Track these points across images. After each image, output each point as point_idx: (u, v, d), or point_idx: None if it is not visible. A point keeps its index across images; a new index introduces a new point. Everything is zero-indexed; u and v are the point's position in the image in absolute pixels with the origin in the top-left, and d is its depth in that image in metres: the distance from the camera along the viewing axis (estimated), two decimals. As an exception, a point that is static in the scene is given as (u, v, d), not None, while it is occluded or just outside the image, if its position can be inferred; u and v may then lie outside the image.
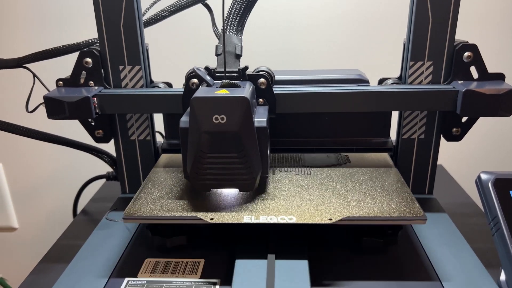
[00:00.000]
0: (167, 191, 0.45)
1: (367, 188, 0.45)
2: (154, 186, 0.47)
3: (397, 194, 0.43)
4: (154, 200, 0.43)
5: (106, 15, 0.48)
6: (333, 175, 0.48)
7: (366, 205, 0.41)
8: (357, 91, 0.47)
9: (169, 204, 0.43)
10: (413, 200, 0.42)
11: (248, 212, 0.41)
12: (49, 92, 0.49)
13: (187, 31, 0.80)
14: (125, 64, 0.51)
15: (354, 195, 0.43)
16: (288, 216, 0.40)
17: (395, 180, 0.47)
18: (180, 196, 0.44)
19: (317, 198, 0.43)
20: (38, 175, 0.91)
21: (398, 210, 0.40)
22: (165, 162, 0.53)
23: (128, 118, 0.53)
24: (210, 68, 0.46)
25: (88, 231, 0.49)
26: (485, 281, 0.40)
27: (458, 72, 0.49)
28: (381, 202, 0.42)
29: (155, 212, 0.41)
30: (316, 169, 0.50)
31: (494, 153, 0.87)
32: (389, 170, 0.49)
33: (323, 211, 0.40)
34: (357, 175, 0.48)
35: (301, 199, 0.43)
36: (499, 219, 0.40)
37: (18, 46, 0.81)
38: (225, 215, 0.40)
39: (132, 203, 0.43)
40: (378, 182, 0.46)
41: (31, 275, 0.47)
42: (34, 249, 0.96)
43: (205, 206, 0.42)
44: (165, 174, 0.50)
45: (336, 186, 0.46)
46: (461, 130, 0.52)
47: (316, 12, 0.78)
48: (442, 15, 0.47)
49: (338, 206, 0.41)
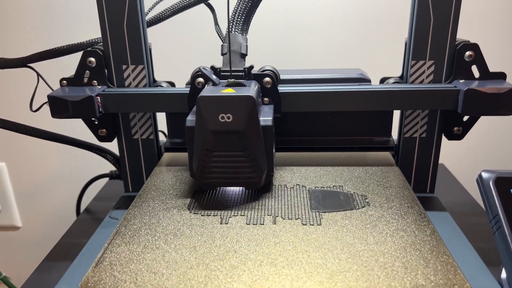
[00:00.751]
0: (140, 249, 0.36)
1: (395, 248, 0.35)
2: (124, 239, 0.37)
3: (433, 257, 0.34)
4: (122, 264, 0.34)
5: (109, 14, 0.49)
6: (349, 226, 0.38)
7: (395, 275, 0.32)
8: (361, 90, 0.47)
9: (141, 271, 0.33)
10: (455, 267, 0.33)
11: (241, 286, 0.32)
12: (53, 91, 0.49)
13: (189, 30, 0.80)
14: (128, 63, 0.51)
15: (378, 258, 0.34)
16: None
17: (428, 235, 0.37)
18: (156, 258, 0.35)
19: (330, 263, 0.34)
20: (41, 174, 0.92)
21: (437, 284, 0.31)
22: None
23: (131, 117, 0.54)
24: (216, 67, 0.46)
25: (92, 229, 0.50)
26: (486, 279, 0.40)
27: (460, 71, 0.49)
28: (414, 270, 0.33)
29: (120, 284, 0.32)
30: (328, 215, 0.40)
31: (495, 152, 0.87)
32: (420, 220, 0.39)
33: (339, 285, 0.31)
34: (380, 226, 0.38)
35: (310, 265, 0.33)
36: (500, 218, 0.40)
37: (22, 46, 0.82)
38: None
39: (92, 269, 0.34)
40: (408, 237, 0.37)
41: (35, 273, 0.47)
42: (37, 248, 0.97)
43: (187, 273, 0.33)
44: (141, 216, 0.42)
45: (354, 244, 0.36)
46: (462, 129, 0.52)
47: (317, 12, 0.78)
48: (443, 14, 0.47)
49: (359, 276, 0.32)
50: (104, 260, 0.35)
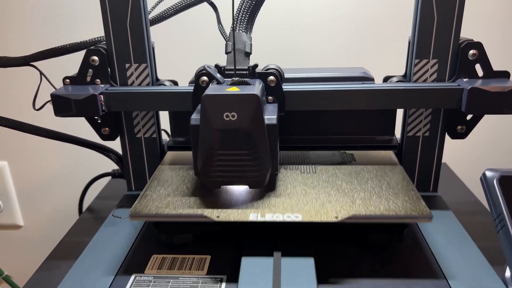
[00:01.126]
0: (173, 189, 0.45)
1: (373, 187, 0.45)
2: (160, 184, 0.47)
3: (403, 193, 0.43)
4: (160, 198, 0.43)
5: (112, 13, 0.49)
6: (338, 173, 0.48)
7: (372, 204, 0.41)
8: (366, 89, 0.47)
9: (175, 202, 0.42)
10: (419, 198, 0.42)
11: (254, 210, 0.41)
12: (56, 90, 0.49)
13: (193, 29, 0.80)
14: (131, 62, 0.51)
15: (360, 193, 0.43)
16: (294, 214, 0.40)
17: (400, 178, 0.47)
18: (186, 194, 0.44)
19: (323, 196, 0.43)
20: (43, 173, 0.92)
21: (404, 209, 0.40)
22: (171, 159, 0.53)
23: (134, 115, 0.54)
24: (220, 66, 0.46)
25: (94, 228, 0.50)
26: (490, 278, 0.40)
27: (463, 70, 0.49)
28: (387, 200, 0.42)
29: (161, 210, 0.41)
30: (322, 167, 0.50)
31: (498, 151, 0.87)
32: (395, 168, 0.49)
33: (329, 209, 0.40)
34: (362, 173, 0.48)
35: (307, 197, 0.43)
36: (504, 216, 0.40)
37: (25, 44, 0.82)
38: (231, 213, 0.40)
39: (138, 201, 0.43)
40: (383, 181, 0.46)
41: (38, 272, 0.47)
42: (39, 247, 0.97)
43: (211, 204, 0.42)
44: (171, 172, 0.50)
45: (341, 184, 0.45)
46: (466, 128, 0.52)
47: (319, 10, 0.78)
48: (447, 13, 0.47)
49: (344, 204, 0.41)
50: (147, 195, 0.44)
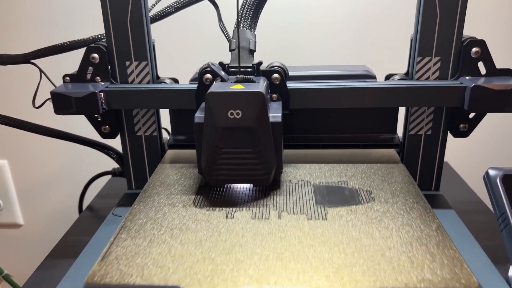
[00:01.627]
0: (146, 243, 0.36)
1: (401, 242, 0.35)
2: (130, 233, 0.38)
3: (439, 251, 0.34)
4: (128, 258, 0.34)
5: (113, 10, 0.48)
6: (355, 221, 0.38)
7: (402, 269, 0.32)
8: (371, 87, 0.47)
9: (147, 265, 0.33)
10: (462, 261, 0.33)
11: (247, 279, 0.32)
12: (56, 87, 0.49)
13: (193, 27, 0.80)
14: (131, 59, 0.51)
15: (384, 252, 0.34)
16: (300, 287, 0.31)
17: (433, 230, 0.37)
18: (162, 252, 0.35)
19: (337, 257, 0.34)
20: (43, 171, 0.91)
21: (444, 279, 0.31)
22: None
23: (135, 113, 0.53)
24: (224, 63, 0.46)
25: (94, 227, 0.49)
26: (493, 277, 0.40)
27: (466, 68, 0.49)
28: (420, 264, 0.33)
29: (126, 277, 0.32)
30: (333, 210, 0.40)
31: (501, 149, 0.86)
32: (426, 213, 0.40)
33: (346, 279, 0.31)
34: (385, 221, 0.38)
35: (316, 259, 0.33)
36: (507, 215, 0.40)
37: (25, 42, 0.81)
38: (217, 284, 0.31)
39: (98, 263, 0.34)
40: (413, 232, 0.37)
41: (38, 270, 0.46)
42: (39, 246, 0.96)
43: (193, 267, 0.33)
44: (146, 210, 0.42)
45: (360, 238, 0.36)
46: (468, 126, 0.52)
47: (321, 8, 0.78)
48: (450, 10, 0.47)
49: (365, 270, 0.32)
50: (110, 254, 0.35)
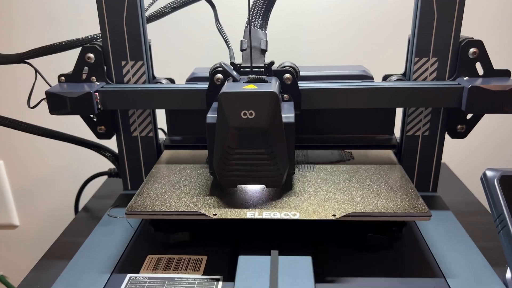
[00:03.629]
0: (169, 187, 0.45)
1: (371, 185, 0.45)
2: (156, 181, 0.46)
3: (401, 191, 0.43)
4: (157, 196, 0.43)
5: (108, 10, 0.48)
6: (336, 172, 0.48)
7: (370, 201, 0.41)
8: (385, 87, 0.47)
9: (172, 200, 0.42)
10: (418, 196, 0.42)
11: (251, 208, 0.40)
12: (51, 87, 0.48)
13: (190, 27, 0.79)
14: (127, 59, 0.50)
15: (358, 191, 0.43)
16: (291, 212, 0.39)
17: (399, 176, 0.47)
18: (183, 192, 0.44)
19: (320, 194, 0.43)
20: (39, 172, 0.91)
21: (402, 207, 0.40)
22: (168, 158, 0.53)
23: (131, 114, 0.53)
24: (235, 63, 0.46)
25: (90, 228, 0.49)
26: (490, 278, 0.39)
27: (463, 69, 0.49)
28: (385, 198, 0.42)
29: (157, 207, 0.41)
30: (320, 165, 0.50)
31: (499, 151, 0.86)
32: (393, 167, 0.49)
33: (326, 207, 0.40)
34: (361, 172, 0.48)
35: (305, 195, 0.42)
36: (505, 217, 0.40)
37: (20, 42, 0.81)
38: (228, 211, 0.40)
39: (134, 198, 0.43)
40: (382, 179, 0.46)
41: (33, 271, 0.46)
42: (34, 247, 0.96)
43: (208, 202, 0.42)
44: (168, 170, 0.49)
45: (339, 182, 0.45)
46: (466, 127, 0.51)
47: (319, 9, 0.78)
48: (447, 11, 0.47)
49: (341, 202, 0.41)
50: (143, 193, 0.44)
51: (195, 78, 0.52)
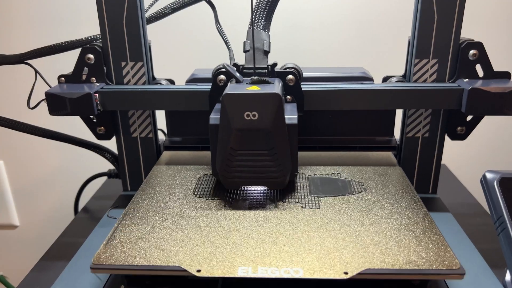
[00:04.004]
0: (148, 230, 0.38)
1: (389, 228, 0.38)
2: (132, 221, 0.40)
3: (425, 236, 0.36)
4: (131, 242, 0.36)
5: (108, 11, 0.48)
6: (346, 209, 0.41)
7: (389, 252, 0.34)
8: (389, 89, 0.47)
9: (148, 248, 0.35)
10: (446, 245, 0.35)
11: (244, 261, 0.33)
12: (51, 88, 0.48)
13: (190, 28, 0.79)
14: (127, 60, 0.50)
15: (373, 238, 0.36)
16: (293, 268, 0.33)
17: (421, 217, 0.39)
18: (163, 237, 0.37)
19: (328, 242, 0.36)
20: (39, 172, 0.91)
21: (428, 261, 0.33)
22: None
23: (130, 115, 0.53)
24: (238, 64, 0.46)
25: (89, 228, 0.49)
26: (490, 280, 0.39)
27: (463, 70, 0.49)
28: (406, 248, 0.35)
29: (130, 259, 0.34)
30: (326, 199, 0.43)
31: (498, 153, 0.86)
32: (414, 203, 0.42)
33: (336, 261, 0.33)
34: (375, 210, 0.41)
35: (309, 243, 0.36)
36: (504, 219, 0.40)
37: (21, 43, 0.81)
38: (216, 265, 0.33)
39: (103, 246, 0.36)
40: (401, 219, 0.39)
41: (32, 272, 0.46)
42: (34, 247, 0.96)
43: (192, 251, 0.35)
44: (148, 200, 0.44)
45: (351, 225, 0.38)
46: (465, 129, 0.51)
47: (319, 10, 0.78)
48: (447, 12, 0.47)
49: (355, 253, 0.34)
50: (115, 239, 0.37)
51: (195, 79, 0.52)
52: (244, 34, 0.48)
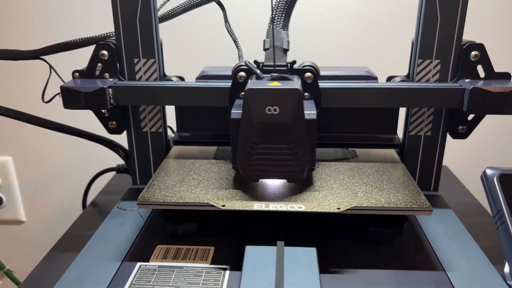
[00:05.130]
0: (179, 180, 0.47)
1: (374, 181, 0.46)
2: (166, 175, 0.48)
3: (403, 187, 0.45)
4: (167, 188, 0.45)
5: (123, 9, 0.50)
6: (340, 168, 0.49)
7: (373, 196, 0.43)
8: (400, 87, 0.48)
9: (181, 192, 0.44)
10: (419, 192, 0.43)
11: (258, 200, 0.42)
12: (66, 82, 0.50)
13: (200, 27, 0.81)
14: (140, 57, 0.52)
15: (361, 187, 0.45)
16: (297, 204, 0.41)
17: (401, 174, 0.48)
18: (192, 185, 0.45)
19: (325, 189, 0.44)
20: (47, 168, 0.92)
21: (404, 202, 0.42)
22: (177, 153, 0.54)
23: (141, 110, 0.54)
24: (258, 62, 0.47)
25: (98, 222, 0.50)
26: (489, 272, 0.41)
27: (465, 71, 0.50)
28: (388, 193, 0.43)
29: (168, 198, 0.43)
30: (324, 162, 0.51)
31: (498, 152, 0.87)
32: (396, 165, 0.50)
33: (331, 201, 0.42)
34: (364, 169, 0.49)
35: (310, 190, 0.44)
36: (503, 213, 0.41)
37: (36, 39, 0.82)
38: (236, 202, 0.42)
39: (145, 189, 0.44)
40: (385, 176, 0.47)
41: (43, 262, 0.47)
42: (40, 242, 0.97)
43: (216, 194, 0.43)
44: (177, 164, 0.51)
45: (343, 178, 0.47)
46: (467, 128, 0.53)
47: (324, 11, 0.79)
48: (450, 14, 0.48)
49: (346, 196, 0.43)
50: (154, 185, 0.45)
51: (205, 77, 0.54)
52: (253, 33, 0.50)
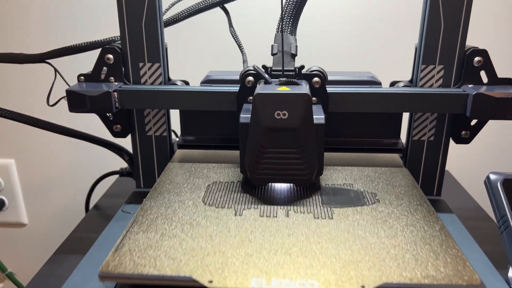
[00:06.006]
0: (158, 237, 0.37)
1: (405, 241, 0.37)
2: (142, 227, 0.39)
3: (442, 250, 0.36)
4: (140, 250, 0.35)
5: (128, 14, 0.50)
6: (360, 221, 0.40)
7: (406, 266, 0.33)
8: (405, 92, 0.48)
9: (158, 257, 0.34)
10: (464, 260, 0.35)
11: (257, 272, 0.33)
12: (71, 86, 0.50)
13: (204, 32, 0.81)
14: (145, 61, 0.52)
15: (390, 250, 0.35)
16: (308, 280, 0.32)
17: (437, 230, 0.39)
18: (172, 245, 0.36)
19: (343, 254, 0.35)
20: (49, 171, 0.92)
21: (447, 275, 0.33)
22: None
23: (146, 114, 0.55)
24: (267, 66, 0.48)
25: (101, 225, 0.50)
26: (493, 276, 0.41)
27: (468, 76, 0.50)
28: (424, 261, 0.34)
29: (139, 268, 0.33)
30: (339, 210, 0.42)
31: (501, 157, 0.87)
32: (429, 216, 0.41)
33: (352, 274, 0.32)
34: (390, 222, 0.40)
35: (324, 255, 0.35)
36: (507, 218, 0.41)
37: (41, 43, 0.83)
38: (228, 276, 0.32)
39: (111, 254, 0.34)
40: (417, 232, 0.38)
41: (47, 265, 0.47)
42: (42, 245, 0.97)
43: (204, 260, 0.34)
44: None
45: (366, 237, 0.37)
46: (470, 133, 0.53)
47: (328, 16, 0.80)
48: (453, 20, 0.49)
49: (371, 266, 0.33)
50: (124, 246, 0.36)
51: (210, 81, 0.54)
52: (257, 38, 0.50)
